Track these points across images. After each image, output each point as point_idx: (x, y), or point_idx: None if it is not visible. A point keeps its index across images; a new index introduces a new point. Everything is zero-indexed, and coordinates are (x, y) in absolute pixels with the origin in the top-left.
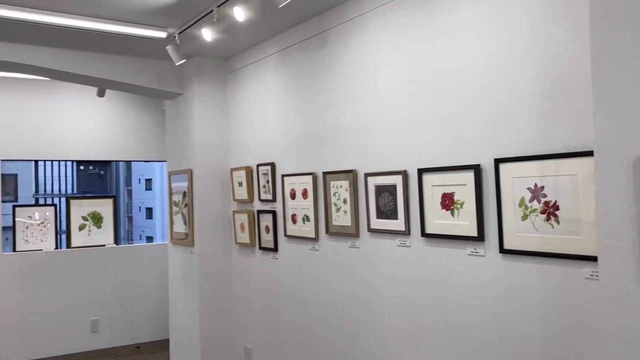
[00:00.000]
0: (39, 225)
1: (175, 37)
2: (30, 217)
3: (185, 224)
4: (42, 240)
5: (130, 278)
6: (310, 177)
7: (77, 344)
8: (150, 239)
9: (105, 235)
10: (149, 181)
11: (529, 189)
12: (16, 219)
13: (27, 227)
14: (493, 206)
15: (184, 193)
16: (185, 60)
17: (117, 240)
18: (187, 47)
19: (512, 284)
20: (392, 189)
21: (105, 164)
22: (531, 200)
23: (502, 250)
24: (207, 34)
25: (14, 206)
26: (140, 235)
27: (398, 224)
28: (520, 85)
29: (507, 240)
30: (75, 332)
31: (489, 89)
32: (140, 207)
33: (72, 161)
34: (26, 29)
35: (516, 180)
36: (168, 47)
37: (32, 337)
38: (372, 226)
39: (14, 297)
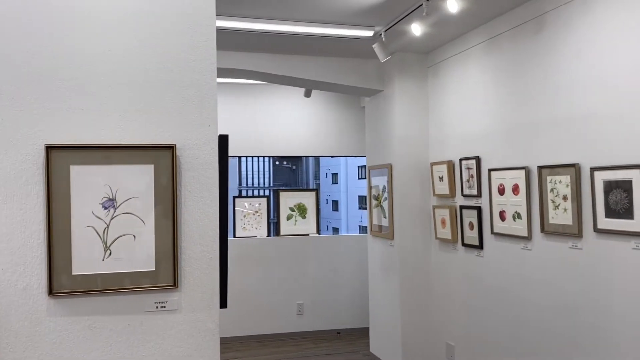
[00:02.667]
0: (253, 214)
1: (381, 34)
2: (245, 206)
3: (384, 217)
4: (256, 228)
5: (331, 266)
6: (522, 172)
7: (284, 325)
8: (336, 230)
9: (309, 225)
10: (335, 175)
11: None
12: (235, 208)
13: (244, 216)
14: None
15: (384, 187)
16: (389, 57)
17: (319, 230)
18: (392, 44)
19: None
20: (626, 184)
21: (297, 160)
22: None
23: None
24: (417, 28)
25: (234, 197)
26: (327, 226)
27: (634, 225)
28: None
29: None
30: (283, 314)
31: None
32: (327, 200)
33: (270, 157)
34: (246, 38)
35: None
36: (374, 45)
37: (247, 315)
38: (600, 226)
39: (232, 278)
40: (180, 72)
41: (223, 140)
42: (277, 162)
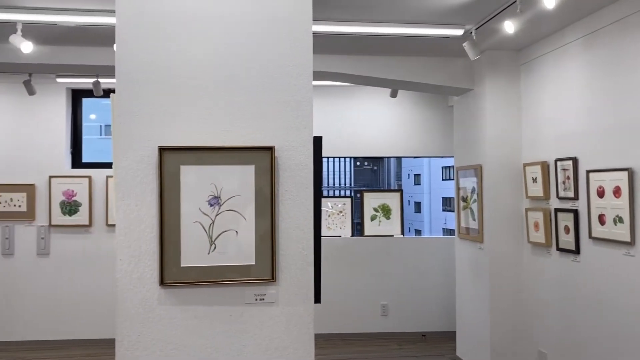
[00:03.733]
0: (338, 214)
1: (472, 33)
2: (329, 206)
3: (474, 219)
4: (340, 228)
5: (416, 268)
6: (624, 173)
7: (368, 325)
8: (418, 232)
9: (393, 226)
10: (417, 176)
11: None
12: (321, 208)
13: (328, 216)
14: None
15: (473, 188)
16: (480, 55)
17: (403, 231)
18: (483, 42)
19: None
20: None
21: (378, 160)
22: None
23: None
24: (510, 26)
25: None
26: (409, 228)
27: None
28: None
29: None
30: (367, 314)
31: None
32: (409, 201)
33: (352, 158)
34: (333, 41)
35: None
36: (465, 44)
37: (332, 313)
38: None
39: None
40: (279, 78)
41: (317, 142)
42: (358, 163)
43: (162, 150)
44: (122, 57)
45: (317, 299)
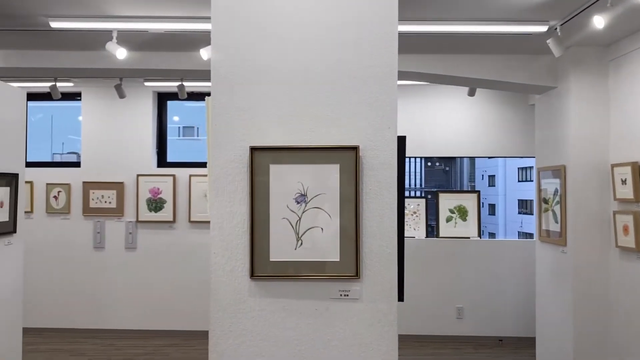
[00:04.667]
0: (412, 215)
1: (556, 29)
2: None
3: (556, 222)
4: (414, 229)
5: (493, 271)
6: None
7: (443, 328)
8: (492, 235)
9: (469, 227)
10: (491, 177)
11: None
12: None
13: None
14: None
15: (555, 190)
16: (564, 51)
17: (480, 234)
18: (568, 38)
19: None
20: None
21: (450, 161)
22: None
23: None
24: (600, 21)
25: None
26: (483, 230)
27: None
28: None
29: None
30: (442, 316)
31: None
32: (482, 203)
33: (423, 158)
34: (410, 40)
35: None
36: (549, 41)
37: (407, 314)
38: None
39: None
40: (364, 78)
41: (401, 142)
42: (429, 163)
43: (253, 150)
44: (218, 61)
45: (401, 297)
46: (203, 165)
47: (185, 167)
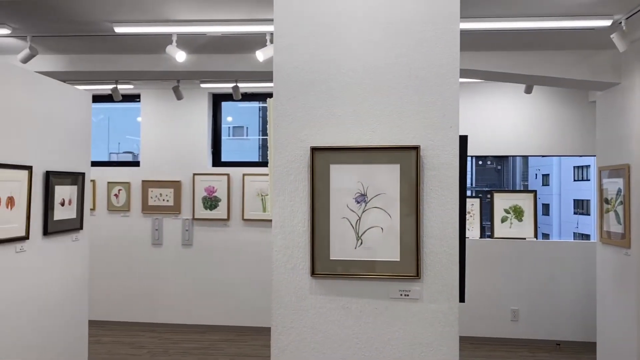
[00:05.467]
0: (466, 215)
1: (621, 23)
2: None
3: (619, 223)
4: (469, 229)
5: (549, 272)
6: None
7: (498, 330)
8: (546, 235)
9: (525, 228)
10: (546, 177)
11: None
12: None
13: None
14: None
15: (618, 190)
16: (629, 46)
17: (536, 234)
18: (633, 32)
19: None
20: None
21: (502, 159)
22: None
23: None
24: None
25: None
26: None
27: None
28: None
29: None
30: (496, 318)
31: None
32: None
33: (473, 157)
34: (468, 37)
35: None
36: (613, 35)
37: (460, 316)
38: None
39: None
40: (425, 78)
41: (463, 141)
42: (480, 162)
43: (314, 150)
44: (280, 63)
45: (462, 298)
46: (256, 164)
47: (239, 167)
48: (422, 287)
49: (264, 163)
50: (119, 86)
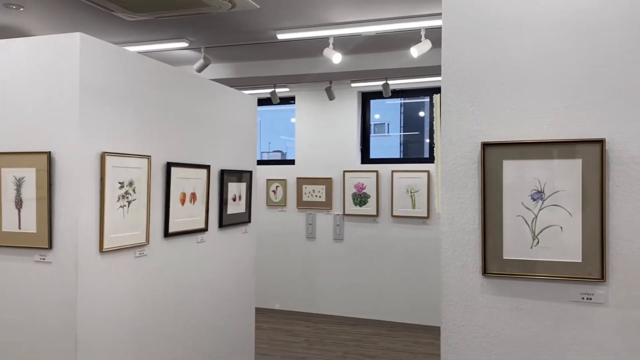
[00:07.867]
0: None
1: None
2: None
3: None
4: None
5: None
6: None
7: None
8: None
9: None
10: None
11: None
12: None
13: None
14: None
15: None
16: None
17: None
18: None
19: None
20: None
21: None
22: None
23: None
24: None
25: None
26: None
27: None
28: None
29: None
30: None
31: None
32: None
33: None
34: None
35: None
36: None
37: None
38: None
39: None
40: (611, 66)
41: None
42: None
43: (485, 145)
44: (448, 59)
45: None
46: (401, 161)
47: (387, 164)
48: (608, 291)
49: (408, 160)
50: (277, 89)
